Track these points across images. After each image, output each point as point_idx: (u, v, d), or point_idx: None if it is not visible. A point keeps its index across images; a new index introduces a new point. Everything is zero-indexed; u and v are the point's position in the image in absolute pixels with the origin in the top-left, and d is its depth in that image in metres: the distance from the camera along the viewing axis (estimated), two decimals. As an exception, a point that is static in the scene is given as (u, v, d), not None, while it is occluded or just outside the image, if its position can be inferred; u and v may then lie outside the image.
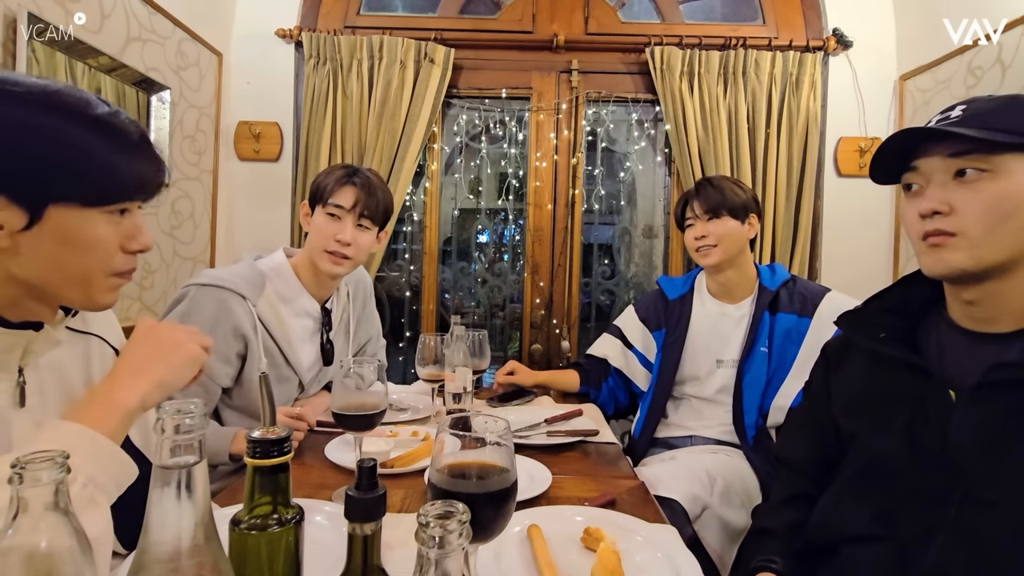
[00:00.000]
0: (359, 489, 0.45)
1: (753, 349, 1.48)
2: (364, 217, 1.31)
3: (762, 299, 1.51)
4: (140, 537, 0.39)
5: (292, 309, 1.33)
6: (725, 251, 1.50)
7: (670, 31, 2.32)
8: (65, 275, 0.66)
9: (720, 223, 1.50)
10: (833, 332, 1.39)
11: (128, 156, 0.67)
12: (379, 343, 1.67)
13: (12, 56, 1.35)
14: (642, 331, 1.69)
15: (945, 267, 0.74)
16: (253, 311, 1.23)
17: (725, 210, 1.50)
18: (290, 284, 1.33)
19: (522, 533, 0.81)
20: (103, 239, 0.67)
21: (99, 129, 0.65)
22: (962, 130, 0.70)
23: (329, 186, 1.30)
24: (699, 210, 1.52)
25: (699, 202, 1.52)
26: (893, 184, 0.82)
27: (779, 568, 0.84)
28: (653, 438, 1.58)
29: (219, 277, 1.21)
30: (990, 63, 1.79)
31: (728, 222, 1.50)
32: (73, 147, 0.63)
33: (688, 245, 1.58)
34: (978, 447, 0.70)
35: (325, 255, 1.30)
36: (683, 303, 1.62)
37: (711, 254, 1.51)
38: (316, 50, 2.22)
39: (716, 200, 1.50)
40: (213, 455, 1.13)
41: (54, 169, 0.63)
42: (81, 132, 0.63)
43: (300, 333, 1.35)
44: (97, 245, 0.67)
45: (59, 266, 0.65)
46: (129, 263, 0.71)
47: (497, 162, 2.47)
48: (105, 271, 0.68)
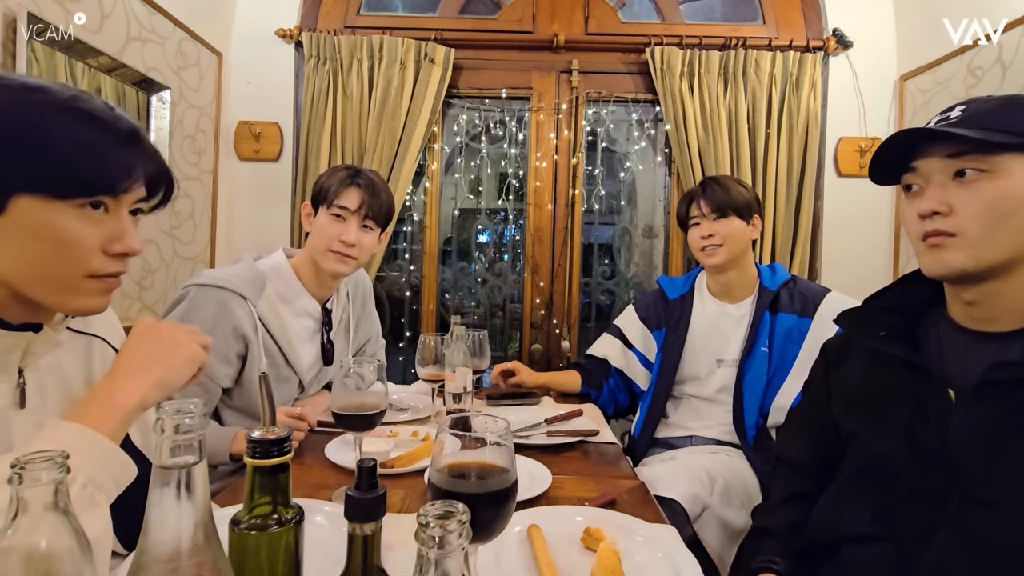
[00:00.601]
0: (359, 489, 0.45)
1: (753, 349, 1.48)
2: (368, 218, 1.32)
3: (763, 299, 1.51)
4: (140, 537, 0.39)
5: (292, 309, 1.33)
6: (730, 251, 1.50)
7: (670, 31, 2.32)
8: (37, 273, 0.63)
9: (726, 223, 1.50)
10: (834, 332, 1.39)
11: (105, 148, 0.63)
12: (379, 343, 1.67)
13: (12, 56, 1.35)
14: (642, 331, 1.69)
15: (945, 267, 0.74)
16: (253, 311, 1.23)
17: (731, 210, 1.49)
18: (290, 284, 1.33)
19: (522, 533, 0.81)
20: (77, 237, 0.63)
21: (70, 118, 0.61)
22: (960, 131, 0.70)
23: (333, 187, 1.30)
24: (706, 209, 1.51)
25: (706, 201, 1.52)
26: (893, 185, 0.82)
27: (780, 568, 0.84)
28: (653, 438, 1.58)
29: (219, 277, 1.21)
30: (990, 63, 1.79)
31: (734, 222, 1.50)
32: (37, 134, 0.60)
33: (692, 244, 1.57)
34: (978, 446, 0.70)
35: (330, 254, 1.30)
36: (683, 303, 1.62)
37: (717, 254, 1.50)
38: (316, 50, 2.22)
39: (723, 199, 1.50)
40: (213, 455, 1.13)
41: (16, 156, 0.59)
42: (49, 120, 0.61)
43: (300, 333, 1.35)
44: (70, 243, 0.63)
45: (30, 263, 0.62)
46: (111, 266, 0.67)
47: (497, 162, 2.47)
48: (80, 272, 0.65)
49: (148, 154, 0.68)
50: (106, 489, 0.61)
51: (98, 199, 0.64)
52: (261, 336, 1.24)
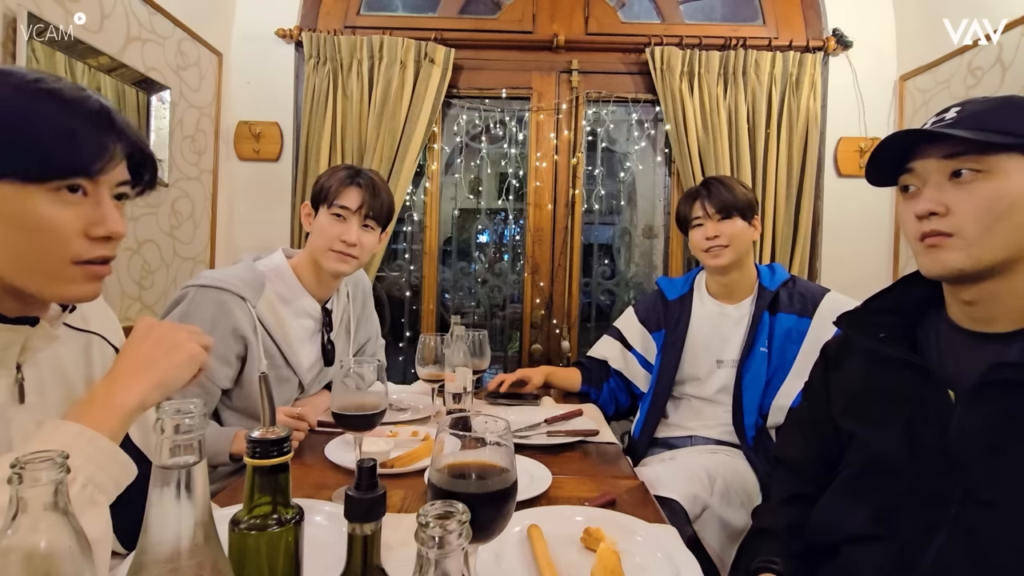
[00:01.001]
0: (359, 489, 0.45)
1: (753, 349, 1.48)
2: (369, 218, 1.32)
3: (762, 299, 1.51)
4: (140, 537, 0.39)
5: (292, 310, 1.33)
6: (736, 251, 1.49)
7: (670, 31, 2.32)
8: (23, 263, 0.62)
9: (731, 223, 1.49)
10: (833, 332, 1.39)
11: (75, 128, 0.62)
12: (378, 343, 1.67)
13: (12, 56, 1.35)
14: (642, 332, 1.69)
15: (943, 268, 0.75)
16: (252, 312, 1.23)
17: (736, 210, 1.49)
18: (290, 285, 1.33)
19: (522, 533, 0.81)
20: (55, 221, 0.62)
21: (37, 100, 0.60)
22: (955, 131, 0.71)
23: (333, 187, 1.30)
24: (710, 209, 1.50)
25: (710, 201, 1.50)
26: (890, 186, 0.83)
27: (779, 568, 0.84)
28: (653, 438, 1.58)
29: (218, 278, 1.21)
30: (990, 63, 1.79)
31: (738, 222, 1.49)
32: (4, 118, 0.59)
33: (696, 245, 1.55)
34: (978, 447, 0.70)
35: (331, 254, 1.30)
36: (683, 304, 1.61)
37: (723, 255, 1.49)
38: (316, 50, 2.22)
39: (728, 200, 1.49)
40: (213, 455, 1.13)
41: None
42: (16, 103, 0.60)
43: (300, 334, 1.35)
44: (48, 228, 0.61)
45: (14, 253, 0.62)
46: (94, 250, 0.65)
47: (497, 162, 2.47)
48: (64, 258, 0.63)
49: (122, 132, 0.66)
50: (106, 489, 0.61)
51: (74, 182, 0.63)
52: (260, 337, 1.24)
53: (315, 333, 1.39)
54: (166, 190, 1.95)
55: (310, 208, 1.35)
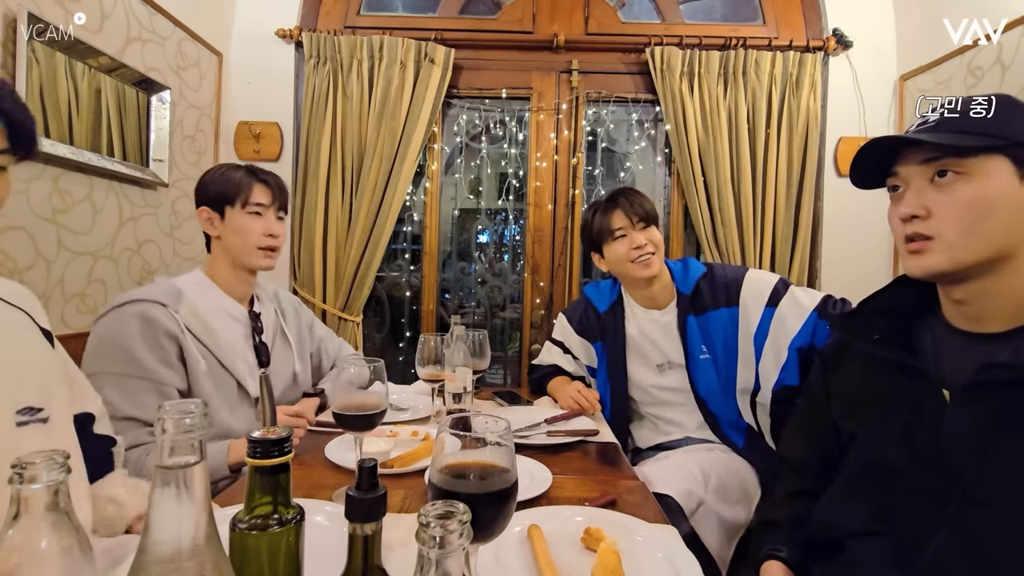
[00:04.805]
0: (359, 489, 0.45)
1: (693, 358, 1.47)
2: (280, 209, 1.38)
3: (682, 305, 1.49)
4: (140, 537, 0.39)
5: (216, 315, 1.31)
6: (660, 258, 1.49)
7: (670, 31, 2.32)
8: None
9: (652, 231, 1.48)
10: (761, 308, 1.39)
11: None
12: (335, 339, 1.67)
13: (12, 56, 1.35)
14: (580, 343, 1.67)
15: (923, 270, 0.76)
16: (176, 316, 1.21)
17: (652, 219, 1.49)
18: (209, 292, 1.32)
19: (522, 533, 0.81)
20: None
21: None
22: (930, 137, 0.72)
23: (243, 187, 1.32)
24: (635, 218, 1.47)
25: (632, 212, 1.48)
26: (877, 188, 0.84)
27: (785, 556, 0.85)
28: (643, 447, 1.58)
29: (132, 294, 1.20)
30: (990, 63, 1.79)
31: (655, 230, 1.49)
32: None
33: (621, 257, 1.48)
34: (970, 446, 0.70)
35: (257, 252, 1.33)
36: (615, 315, 1.59)
37: (652, 263, 1.46)
38: (316, 50, 2.22)
39: (648, 208, 1.49)
40: (212, 471, 1.11)
41: None
42: None
43: (230, 338, 1.32)
44: None
45: None
46: None
47: (497, 162, 2.47)
48: None
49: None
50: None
51: None
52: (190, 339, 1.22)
53: (246, 337, 1.37)
54: (166, 190, 1.95)
55: (210, 212, 1.33)
